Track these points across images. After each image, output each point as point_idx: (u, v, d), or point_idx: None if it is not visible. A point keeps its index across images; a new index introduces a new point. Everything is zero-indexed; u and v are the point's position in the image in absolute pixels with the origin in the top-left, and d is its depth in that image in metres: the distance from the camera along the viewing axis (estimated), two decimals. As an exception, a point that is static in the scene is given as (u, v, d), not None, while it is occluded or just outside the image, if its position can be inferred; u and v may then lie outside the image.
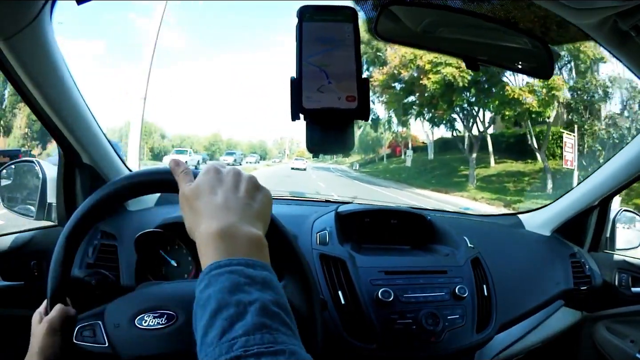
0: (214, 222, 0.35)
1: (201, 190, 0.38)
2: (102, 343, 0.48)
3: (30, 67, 0.66)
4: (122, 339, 0.48)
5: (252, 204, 0.38)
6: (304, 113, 0.36)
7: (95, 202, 0.49)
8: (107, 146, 0.91)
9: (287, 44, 11.15)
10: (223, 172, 0.40)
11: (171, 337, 0.47)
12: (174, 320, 0.47)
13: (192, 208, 0.38)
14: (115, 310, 0.50)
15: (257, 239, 0.35)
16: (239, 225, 0.35)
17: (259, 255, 0.34)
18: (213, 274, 0.32)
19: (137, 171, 0.50)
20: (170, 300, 0.49)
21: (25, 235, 0.86)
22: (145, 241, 0.80)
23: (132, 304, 0.50)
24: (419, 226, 0.95)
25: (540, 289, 0.96)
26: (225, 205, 0.37)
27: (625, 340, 1.01)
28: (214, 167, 0.41)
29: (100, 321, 0.49)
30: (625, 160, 0.96)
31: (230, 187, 0.38)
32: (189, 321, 0.46)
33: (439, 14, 0.56)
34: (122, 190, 0.49)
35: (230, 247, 0.34)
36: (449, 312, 0.72)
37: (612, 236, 1.11)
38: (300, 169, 23.59)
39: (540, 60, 0.58)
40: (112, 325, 0.48)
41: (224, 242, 0.34)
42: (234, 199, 0.38)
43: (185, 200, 0.40)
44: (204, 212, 0.37)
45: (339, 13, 0.38)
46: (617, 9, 0.52)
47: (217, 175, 0.40)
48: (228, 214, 0.36)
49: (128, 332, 0.48)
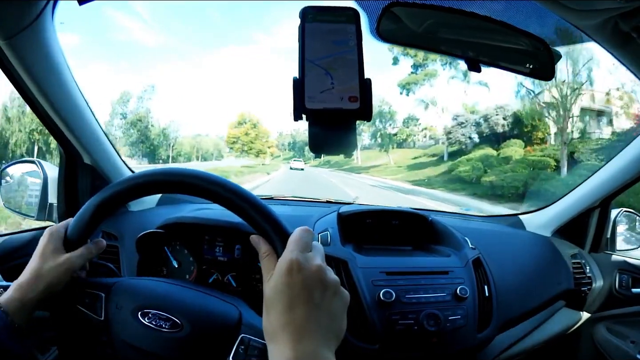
0: (289, 348, 0.35)
1: (278, 300, 0.37)
2: (98, 315, 0.48)
3: (32, 68, 0.66)
4: (119, 322, 0.47)
5: (332, 324, 0.37)
6: (306, 113, 0.36)
7: (135, 184, 0.48)
8: (108, 146, 0.91)
9: (262, 42, 11.11)
10: (305, 274, 0.37)
11: (169, 343, 0.46)
12: (177, 329, 0.47)
13: (268, 317, 0.37)
14: (123, 293, 0.49)
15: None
16: (316, 353, 0.35)
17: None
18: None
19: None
20: (181, 307, 0.49)
21: (26, 235, 0.86)
22: (147, 242, 0.80)
23: (140, 294, 0.49)
24: (421, 227, 0.95)
25: (541, 290, 0.96)
26: (303, 327, 0.36)
27: (625, 341, 1.01)
28: (298, 264, 0.37)
29: (103, 294, 0.49)
30: (626, 161, 0.96)
31: (312, 301, 0.37)
32: (192, 335, 0.46)
33: (440, 16, 0.56)
34: (153, 183, 0.48)
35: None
36: (450, 312, 0.72)
37: (613, 237, 1.11)
38: (299, 169, 24.36)
39: (541, 61, 0.58)
40: (114, 304, 0.48)
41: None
42: (314, 319, 0.36)
43: (265, 300, 0.38)
44: (279, 331, 0.36)
45: (342, 14, 0.38)
46: (618, 11, 0.52)
47: (299, 280, 0.37)
48: (304, 338, 0.35)
49: (128, 319, 0.47)
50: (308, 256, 0.39)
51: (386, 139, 26.37)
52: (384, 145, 26.43)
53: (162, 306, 0.48)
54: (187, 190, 0.47)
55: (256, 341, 0.46)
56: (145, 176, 0.48)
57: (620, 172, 0.98)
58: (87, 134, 0.84)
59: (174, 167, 0.48)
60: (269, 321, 0.38)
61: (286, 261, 0.38)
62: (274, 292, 0.37)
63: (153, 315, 0.47)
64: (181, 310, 0.48)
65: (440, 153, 22.08)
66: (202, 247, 0.84)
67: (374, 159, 28.66)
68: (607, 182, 1.01)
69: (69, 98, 0.77)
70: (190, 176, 0.46)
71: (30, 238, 0.86)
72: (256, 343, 0.46)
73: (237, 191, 0.45)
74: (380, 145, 27.17)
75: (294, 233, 0.42)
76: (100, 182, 0.91)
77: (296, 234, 0.41)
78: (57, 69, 0.71)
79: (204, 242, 0.84)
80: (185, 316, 0.48)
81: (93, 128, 0.85)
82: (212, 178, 0.46)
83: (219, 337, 0.47)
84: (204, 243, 0.84)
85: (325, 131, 0.38)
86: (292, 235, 0.41)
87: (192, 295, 0.52)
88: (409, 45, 0.58)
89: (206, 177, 0.46)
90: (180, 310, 0.48)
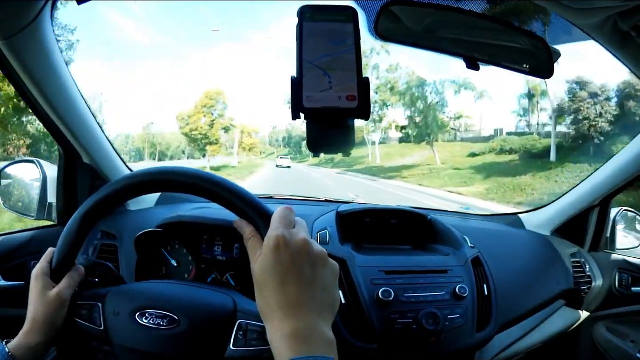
0: (285, 323, 0.35)
1: (270, 277, 0.37)
2: (97, 325, 0.48)
3: (30, 67, 0.67)
4: (119, 328, 0.48)
5: (325, 296, 0.38)
6: (304, 112, 0.36)
7: (105, 195, 0.48)
8: (107, 146, 0.91)
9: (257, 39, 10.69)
10: (292, 248, 0.38)
11: (169, 340, 0.47)
12: (175, 325, 0.47)
13: (262, 295, 0.38)
14: (118, 298, 0.50)
15: (330, 339, 0.36)
16: (312, 327, 0.35)
17: (332, 352, 0.35)
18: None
19: (140, 170, 0.49)
20: (176, 303, 0.49)
21: (25, 234, 0.86)
22: (146, 241, 0.80)
23: (136, 297, 0.50)
24: (420, 226, 0.95)
25: (540, 289, 0.96)
26: (297, 302, 0.36)
27: (625, 340, 1.01)
28: (284, 239, 0.38)
29: (100, 304, 0.49)
30: (625, 159, 0.96)
31: (303, 276, 0.37)
32: (191, 329, 0.47)
33: (439, 14, 0.56)
34: (138, 185, 0.48)
35: (305, 347, 0.34)
36: (449, 311, 0.72)
37: (612, 236, 1.11)
38: (284, 166, 22.66)
39: (540, 59, 0.58)
40: (111, 311, 0.48)
41: (297, 342, 0.35)
42: (307, 293, 0.37)
43: (255, 280, 0.39)
44: (274, 307, 0.37)
45: (340, 13, 0.38)
46: (617, 9, 0.52)
47: (286, 255, 0.37)
48: (300, 313, 0.36)
49: (126, 323, 0.47)
50: (292, 232, 0.39)
51: (432, 126, 17.50)
52: (421, 137, 17.88)
53: (158, 304, 0.48)
54: (165, 188, 0.47)
55: (253, 325, 0.47)
56: (124, 180, 0.48)
57: (620, 171, 0.98)
58: (85, 134, 0.84)
59: (155, 167, 0.48)
60: (262, 300, 0.38)
61: (272, 238, 0.38)
62: (264, 270, 0.38)
63: (150, 315, 0.48)
64: (177, 306, 0.49)
65: (515, 148, 14.56)
66: (201, 246, 0.84)
67: (396, 156, 21.08)
68: (606, 181, 1.01)
69: (68, 97, 0.77)
70: (165, 173, 0.47)
71: (29, 237, 0.86)
72: (254, 326, 0.47)
73: (214, 180, 0.46)
74: (417, 137, 18.36)
75: (275, 212, 0.42)
76: (99, 182, 0.91)
77: (278, 212, 0.41)
78: (55, 68, 0.71)
79: (203, 241, 0.84)
80: (182, 311, 0.48)
81: (91, 127, 0.85)
82: (185, 171, 0.46)
83: (217, 327, 0.48)
84: (203, 242, 0.84)
85: (323, 130, 0.38)
86: (274, 214, 0.41)
87: (185, 290, 0.53)
88: (407, 44, 0.57)
89: (178, 171, 0.46)
90: (176, 306, 0.48)
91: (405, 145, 21.48)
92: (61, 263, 0.49)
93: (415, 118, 18.58)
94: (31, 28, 0.61)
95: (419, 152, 18.17)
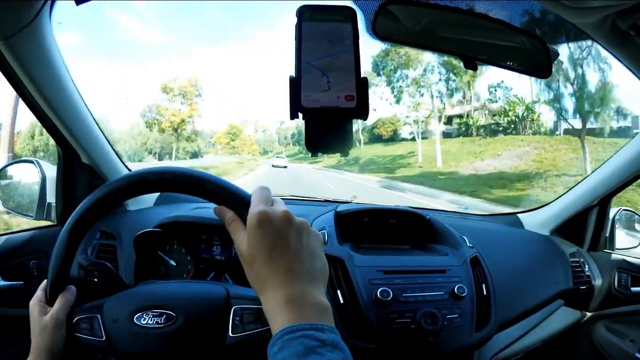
0: (279, 291, 0.36)
1: (259, 252, 0.38)
2: (99, 337, 0.48)
3: (30, 68, 0.67)
4: (119, 335, 0.48)
5: (314, 262, 0.39)
6: (302, 112, 0.36)
7: (99, 197, 0.48)
8: (106, 146, 0.91)
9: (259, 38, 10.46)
10: (275, 221, 0.38)
11: (169, 337, 0.47)
12: (173, 321, 0.48)
13: (253, 270, 0.38)
14: (115, 305, 0.50)
15: (324, 305, 0.37)
16: (305, 294, 0.36)
17: (326, 319, 0.36)
18: (285, 338, 0.33)
19: (139, 170, 0.49)
20: (170, 300, 0.50)
21: (25, 235, 0.86)
22: (145, 240, 0.80)
23: (131, 301, 0.50)
24: (418, 226, 0.95)
25: (539, 289, 0.96)
26: (289, 270, 0.37)
27: (624, 339, 1.01)
28: (266, 214, 0.38)
29: (98, 314, 0.49)
30: (625, 159, 0.96)
31: (290, 246, 0.38)
32: (189, 323, 0.47)
33: (437, 13, 0.56)
34: (130, 187, 0.48)
35: (300, 314, 0.35)
36: (447, 311, 0.72)
37: (612, 236, 1.11)
38: (281, 166, 22.17)
39: (538, 59, 0.58)
40: (110, 320, 0.49)
41: (292, 310, 0.35)
42: (297, 261, 0.37)
43: (243, 260, 0.39)
44: (266, 279, 0.37)
45: (338, 13, 0.38)
46: (615, 8, 0.52)
47: (271, 229, 0.38)
48: (292, 281, 0.36)
49: (126, 329, 0.48)
50: (272, 207, 0.40)
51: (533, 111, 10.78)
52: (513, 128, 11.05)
53: (154, 303, 0.49)
54: (150, 189, 0.48)
55: (249, 308, 0.48)
56: (110, 185, 0.48)
57: (619, 171, 0.97)
58: (84, 134, 0.84)
59: (142, 169, 0.48)
60: (254, 275, 0.38)
61: (255, 215, 0.39)
62: (252, 247, 0.38)
63: (147, 315, 0.48)
64: (172, 302, 0.49)
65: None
66: (200, 246, 0.84)
67: (462, 157, 13.20)
68: (606, 181, 1.01)
69: (67, 98, 0.77)
70: (151, 173, 0.47)
71: (29, 237, 0.86)
72: (249, 310, 0.48)
73: (188, 173, 0.46)
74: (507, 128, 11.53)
75: (253, 192, 0.43)
76: (98, 181, 0.91)
77: (256, 192, 0.42)
78: (54, 68, 0.71)
79: (202, 241, 0.85)
80: (177, 306, 0.49)
81: (91, 128, 0.85)
82: (161, 170, 0.47)
83: (213, 317, 0.48)
84: (202, 242, 0.85)
85: (322, 130, 0.38)
86: (253, 194, 0.42)
87: (178, 286, 0.54)
88: (405, 44, 0.57)
89: (156, 170, 0.47)
90: (170, 302, 0.49)
91: (464, 141, 13.92)
92: (54, 284, 0.49)
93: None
94: (30, 28, 0.61)
95: (495, 151, 11.17)
